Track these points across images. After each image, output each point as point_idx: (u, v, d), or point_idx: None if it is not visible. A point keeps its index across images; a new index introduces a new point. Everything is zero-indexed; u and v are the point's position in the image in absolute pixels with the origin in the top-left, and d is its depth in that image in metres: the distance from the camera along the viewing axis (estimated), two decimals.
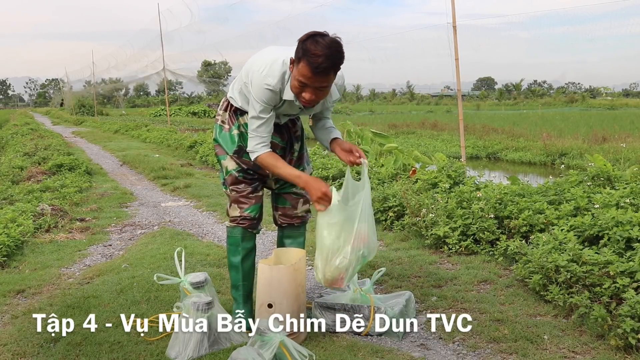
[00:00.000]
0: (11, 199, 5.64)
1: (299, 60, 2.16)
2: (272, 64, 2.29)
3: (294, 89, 2.25)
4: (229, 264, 2.62)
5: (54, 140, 13.11)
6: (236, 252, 2.57)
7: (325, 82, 2.20)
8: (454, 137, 14.81)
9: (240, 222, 2.54)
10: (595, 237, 3.09)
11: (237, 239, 2.56)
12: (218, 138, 2.57)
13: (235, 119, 2.53)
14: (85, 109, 39.42)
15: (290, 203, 2.66)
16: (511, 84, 63.84)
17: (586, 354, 2.29)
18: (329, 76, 2.18)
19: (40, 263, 3.74)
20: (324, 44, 2.12)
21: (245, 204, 2.54)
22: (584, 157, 7.97)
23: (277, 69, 2.28)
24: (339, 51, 2.15)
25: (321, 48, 2.11)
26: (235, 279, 2.61)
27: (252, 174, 2.54)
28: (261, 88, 2.29)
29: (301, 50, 2.14)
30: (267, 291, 2.35)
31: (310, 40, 2.14)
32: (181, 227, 4.89)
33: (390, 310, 2.49)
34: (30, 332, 2.52)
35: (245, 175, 2.53)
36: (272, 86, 2.28)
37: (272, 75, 2.28)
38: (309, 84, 2.19)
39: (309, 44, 2.13)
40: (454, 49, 6.47)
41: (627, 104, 39.21)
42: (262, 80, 2.28)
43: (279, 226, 2.72)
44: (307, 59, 2.12)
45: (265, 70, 2.29)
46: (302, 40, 2.16)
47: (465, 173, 5.05)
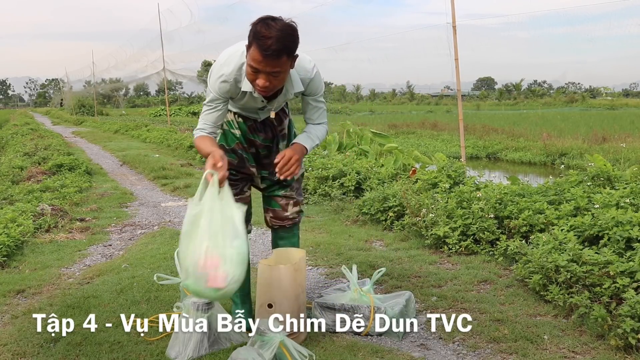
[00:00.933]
0: (11, 199, 5.64)
1: (250, 45, 2.08)
2: (231, 53, 2.25)
3: (248, 76, 2.16)
4: None
5: (54, 140, 13.12)
6: None
7: (278, 66, 2.08)
8: (454, 137, 14.81)
9: None
10: (595, 237, 3.09)
11: None
12: None
13: None
14: (85, 109, 39.43)
15: (279, 205, 2.61)
16: (511, 84, 63.87)
17: (586, 354, 2.29)
18: (281, 59, 2.06)
19: (40, 263, 3.74)
20: (275, 26, 2.03)
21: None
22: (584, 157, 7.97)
23: (234, 60, 2.23)
24: (291, 34, 2.06)
25: (272, 30, 2.02)
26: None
27: (234, 174, 2.48)
28: (215, 77, 2.25)
29: (252, 34, 2.06)
30: (267, 291, 2.34)
31: (261, 23, 2.05)
32: (181, 227, 4.89)
33: (390, 310, 2.49)
34: (30, 332, 2.52)
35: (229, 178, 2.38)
36: (226, 76, 2.23)
37: (228, 64, 2.23)
38: (260, 68, 2.09)
39: (259, 27, 2.04)
40: (454, 49, 6.48)
41: (627, 104, 39.23)
42: (217, 70, 2.25)
43: (271, 228, 2.69)
44: (257, 42, 2.03)
45: (222, 59, 2.25)
46: (253, 24, 2.08)
47: (465, 173, 5.05)
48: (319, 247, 3.95)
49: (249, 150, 2.51)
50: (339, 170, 5.88)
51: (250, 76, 2.15)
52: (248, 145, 2.50)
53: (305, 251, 2.62)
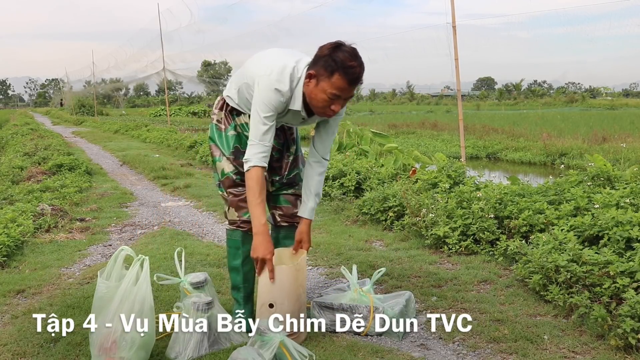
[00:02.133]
0: (11, 199, 5.64)
1: (331, 73, 2.13)
2: (282, 69, 2.22)
3: (321, 102, 2.19)
4: (230, 266, 2.59)
5: (54, 140, 13.12)
6: (236, 255, 2.53)
7: (353, 91, 2.22)
8: (454, 137, 14.81)
9: (241, 225, 2.49)
10: (595, 237, 3.09)
11: (237, 242, 2.52)
12: (214, 138, 2.51)
13: (232, 119, 2.47)
14: (85, 109, 39.44)
15: (289, 202, 2.61)
16: (511, 84, 63.88)
17: (586, 354, 2.29)
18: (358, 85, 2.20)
19: (40, 263, 3.74)
20: (353, 53, 2.13)
21: (244, 208, 2.45)
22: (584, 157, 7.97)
23: (287, 76, 2.22)
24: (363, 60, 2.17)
25: (356, 59, 2.13)
26: (235, 281, 2.58)
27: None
28: (271, 92, 2.21)
29: (333, 63, 2.12)
30: (269, 291, 2.33)
31: (339, 51, 2.13)
32: (181, 227, 4.90)
33: (390, 310, 2.49)
34: (30, 332, 2.52)
35: (242, 177, 2.43)
36: (283, 92, 2.22)
37: (283, 81, 2.22)
38: (343, 95, 2.18)
39: (341, 55, 2.12)
40: (454, 49, 6.48)
41: (627, 104, 39.23)
42: (271, 85, 2.21)
43: (276, 226, 2.67)
44: (344, 71, 2.12)
45: (275, 75, 2.22)
46: (328, 53, 2.14)
47: (465, 173, 5.05)
48: (319, 247, 3.95)
49: None
50: (339, 170, 5.88)
51: (325, 103, 2.19)
52: None
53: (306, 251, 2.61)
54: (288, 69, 2.22)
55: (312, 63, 2.21)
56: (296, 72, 2.23)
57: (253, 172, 2.25)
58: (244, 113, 2.43)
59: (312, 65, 2.21)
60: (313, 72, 2.18)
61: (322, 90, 2.17)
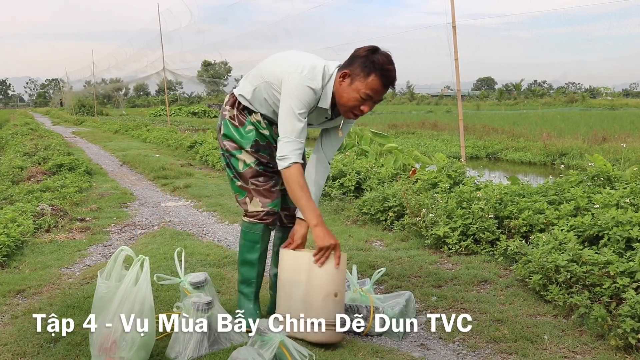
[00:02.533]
0: (11, 199, 5.63)
1: (368, 74, 2.19)
2: (312, 68, 2.26)
3: (352, 102, 2.23)
4: (243, 259, 2.52)
5: (54, 140, 13.11)
6: (253, 249, 2.49)
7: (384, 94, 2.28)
8: (454, 137, 14.81)
9: (264, 217, 2.46)
10: (595, 237, 3.09)
11: (257, 236, 2.48)
12: (231, 133, 2.47)
13: (246, 116, 2.46)
14: (85, 109, 39.46)
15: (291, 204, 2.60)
16: (511, 84, 63.91)
17: (586, 354, 2.29)
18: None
19: (40, 263, 3.74)
20: (390, 58, 2.21)
21: (269, 198, 2.45)
22: (584, 157, 7.97)
23: (319, 74, 2.25)
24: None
25: (392, 63, 2.20)
26: (248, 275, 2.53)
27: (271, 167, 2.47)
28: (304, 89, 2.23)
29: (371, 64, 2.18)
30: (332, 280, 2.29)
31: (377, 54, 2.20)
32: (181, 227, 4.89)
33: (390, 310, 2.49)
34: (30, 332, 2.52)
35: (265, 168, 2.47)
36: (315, 90, 2.25)
37: (316, 79, 2.25)
38: (375, 97, 2.23)
39: (379, 58, 2.18)
40: (454, 49, 6.48)
41: (627, 104, 39.24)
42: (304, 82, 2.23)
43: (281, 226, 2.66)
44: (382, 73, 2.19)
45: (306, 73, 2.24)
46: (366, 55, 2.20)
47: (465, 173, 5.05)
48: None
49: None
50: (339, 170, 5.88)
51: (356, 102, 2.24)
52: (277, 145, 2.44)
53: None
54: (319, 68, 2.26)
55: (347, 63, 2.26)
56: (327, 70, 2.28)
57: (294, 169, 2.25)
58: (256, 111, 2.44)
59: (346, 65, 2.26)
60: (348, 71, 2.23)
61: (356, 90, 2.22)
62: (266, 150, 2.48)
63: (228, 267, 3.55)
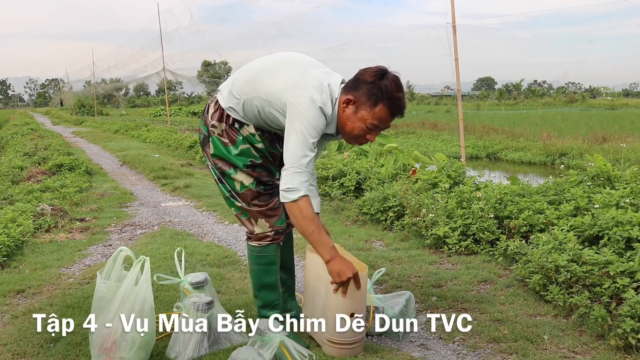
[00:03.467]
0: (11, 199, 5.64)
1: (375, 103, 2.00)
2: (320, 89, 2.04)
3: (355, 130, 2.06)
4: (260, 284, 2.35)
5: (54, 140, 13.11)
6: (270, 272, 2.33)
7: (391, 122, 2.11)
8: (454, 137, 14.82)
9: (275, 237, 2.31)
10: (595, 237, 3.09)
11: (271, 257, 2.32)
12: (222, 153, 2.26)
13: (237, 131, 2.24)
14: (85, 109, 39.45)
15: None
16: (511, 84, 63.92)
17: (586, 354, 2.29)
18: None
19: (40, 263, 3.74)
20: (398, 83, 2.01)
21: (274, 216, 2.30)
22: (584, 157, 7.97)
23: (327, 97, 2.05)
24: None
25: (399, 88, 2.00)
26: (270, 299, 2.36)
27: (271, 184, 2.31)
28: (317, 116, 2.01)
29: (379, 92, 1.99)
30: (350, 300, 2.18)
31: (385, 79, 1.99)
32: (181, 227, 4.89)
33: (390, 310, 2.49)
34: (30, 332, 2.52)
35: (265, 187, 2.29)
36: (327, 116, 2.06)
37: (327, 105, 2.04)
38: (382, 126, 2.06)
39: (388, 84, 1.98)
40: (454, 49, 6.48)
41: (627, 104, 39.22)
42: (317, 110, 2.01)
43: None
44: (389, 102, 2.00)
45: (317, 97, 2.02)
46: (373, 81, 2.00)
47: (465, 173, 5.05)
48: None
49: (274, 164, 2.33)
50: (338, 170, 5.88)
51: (361, 132, 2.07)
52: (272, 158, 2.32)
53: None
54: (326, 89, 2.06)
55: (352, 87, 2.07)
56: (332, 92, 2.09)
57: (304, 202, 2.06)
58: (248, 124, 2.23)
59: (350, 89, 2.07)
60: (352, 97, 2.04)
61: (361, 119, 2.04)
62: (263, 167, 2.29)
63: (228, 267, 3.55)
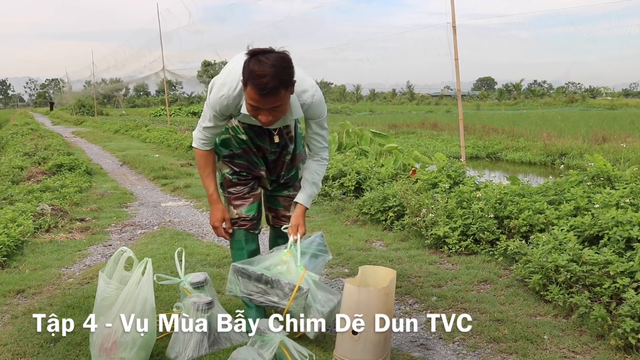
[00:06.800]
0: (11, 199, 5.63)
1: (245, 84, 2.06)
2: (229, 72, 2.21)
3: (249, 112, 2.14)
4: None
5: (54, 140, 13.11)
6: (241, 256, 2.50)
7: (277, 101, 2.06)
8: (454, 137, 14.81)
9: (241, 223, 2.50)
10: (595, 237, 3.09)
11: (240, 242, 2.52)
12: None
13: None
14: (85, 109, 39.43)
15: (282, 205, 2.60)
16: (511, 84, 63.87)
17: (586, 354, 2.29)
18: (279, 94, 2.04)
19: (40, 263, 3.74)
20: (268, 62, 1.99)
21: (242, 205, 2.49)
22: (584, 157, 7.97)
23: (234, 80, 2.18)
24: (286, 67, 2.02)
25: (265, 67, 1.98)
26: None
27: (245, 175, 2.49)
28: (217, 96, 2.23)
29: (246, 73, 2.03)
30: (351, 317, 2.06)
31: (254, 60, 2.01)
32: (181, 227, 4.89)
33: (320, 307, 2.23)
34: (30, 332, 2.52)
35: (239, 177, 2.49)
36: (226, 97, 2.22)
37: (229, 85, 2.20)
38: (260, 106, 2.08)
39: (252, 65, 2.00)
40: (454, 49, 6.48)
41: (627, 104, 39.19)
42: (218, 90, 2.22)
43: (271, 226, 2.69)
44: (253, 82, 2.00)
45: (222, 78, 2.23)
46: (245, 61, 2.04)
47: (465, 173, 5.05)
48: None
49: (258, 155, 2.48)
50: (339, 170, 5.87)
51: (251, 112, 2.13)
52: (257, 150, 2.47)
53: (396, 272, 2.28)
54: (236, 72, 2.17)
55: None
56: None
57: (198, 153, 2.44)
58: (234, 116, 2.37)
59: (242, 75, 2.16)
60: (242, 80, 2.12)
61: (247, 101, 2.12)
62: (243, 157, 2.47)
63: (228, 267, 3.54)
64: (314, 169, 2.47)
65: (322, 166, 2.50)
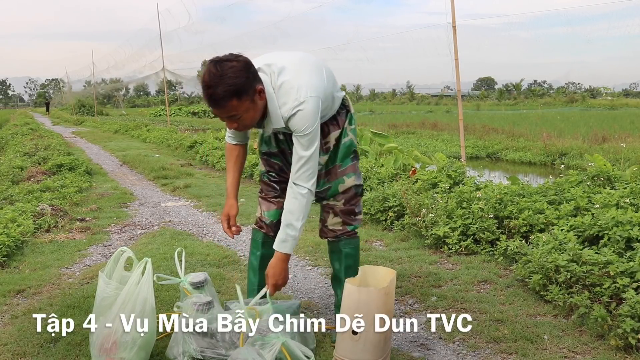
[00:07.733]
0: (11, 199, 5.63)
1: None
2: None
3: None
4: (249, 262, 2.55)
5: (54, 140, 13.11)
6: (254, 255, 2.50)
7: (231, 111, 1.97)
8: (454, 137, 14.81)
9: (260, 224, 2.47)
10: (595, 237, 3.09)
11: (257, 243, 2.50)
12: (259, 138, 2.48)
13: None
14: (85, 109, 39.43)
15: (321, 215, 2.44)
16: (511, 84, 63.87)
17: (586, 354, 2.29)
18: (230, 104, 1.93)
19: (40, 263, 3.74)
20: (217, 73, 1.90)
21: (266, 207, 2.46)
22: (584, 157, 7.98)
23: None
24: (237, 76, 1.91)
25: (214, 78, 1.90)
26: (251, 280, 2.50)
27: (274, 176, 2.42)
28: None
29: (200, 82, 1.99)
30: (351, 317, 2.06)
31: (206, 69, 1.94)
32: (181, 227, 4.89)
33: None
34: (30, 332, 2.52)
35: (269, 177, 2.44)
36: None
37: None
38: (220, 115, 2.01)
39: (204, 75, 1.93)
40: (454, 49, 6.48)
41: (627, 104, 39.19)
42: None
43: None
44: (202, 92, 1.96)
45: None
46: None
47: (465, 173, 5.05)
48: (318, 247, 3.95)
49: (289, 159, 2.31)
50: None
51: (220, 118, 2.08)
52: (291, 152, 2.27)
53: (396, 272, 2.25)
54: None
55: None
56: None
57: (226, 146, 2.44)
58: None
59: None
60: None
61: None
62: (279, 157, 2.41)
63: (228, 267, 3.55)
64: (287, 207, 2.15)
65: (297, 201, 2.12)
